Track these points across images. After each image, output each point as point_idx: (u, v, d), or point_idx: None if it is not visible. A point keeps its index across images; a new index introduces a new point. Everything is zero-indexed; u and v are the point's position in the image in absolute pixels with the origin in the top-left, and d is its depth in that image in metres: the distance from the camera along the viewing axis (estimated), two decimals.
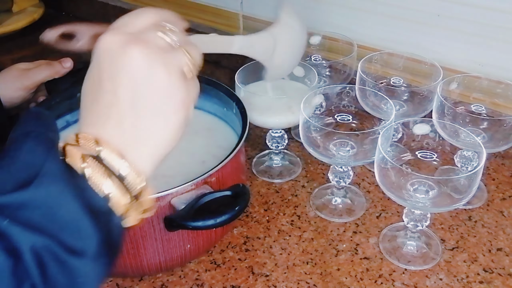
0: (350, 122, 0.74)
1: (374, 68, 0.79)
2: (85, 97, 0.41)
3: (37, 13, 1.27)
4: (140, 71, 0.38)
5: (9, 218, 0.33)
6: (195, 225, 0.54)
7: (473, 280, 0.62)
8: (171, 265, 0.63)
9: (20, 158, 0.36)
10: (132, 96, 0.39)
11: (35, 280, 0.33)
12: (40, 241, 0.34)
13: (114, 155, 0.38)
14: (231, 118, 0.74)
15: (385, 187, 0.59)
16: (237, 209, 0.55)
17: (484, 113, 0.72)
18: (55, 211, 0.35)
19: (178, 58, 0.41)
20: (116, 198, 0.37)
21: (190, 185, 0.56)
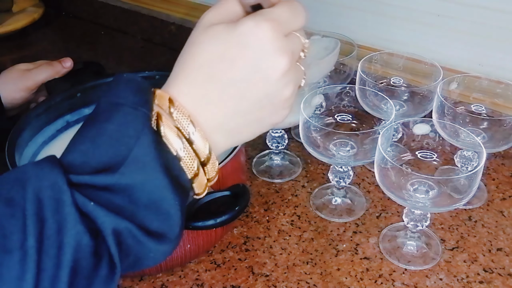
0: (350, 122, 0.74)
1: (374, 68, 0.79)
2: (196, 66, 0.39)
3: (37, 13, 1.27)
4: (265, 52, 0.38)
5: (92, 198, 0.34)
6: (195, 225, 0.54)
7: (473, 280, 0.62)
8: (171, 265, 0.63)
9: (108, 132, 0.35)
10: (244, 75, 0.38)
11: (115, 258, 0.34)
12: (123, 224, 0.34)
13: (185, 118, 0.37)
14: None
15: (385, 187, 0.59)
16: (237, 209, 0.55)
17: (484, 113, 0.72)
18: (139, 197, 0.35)
19: (299, 46, 0.41)
20: (187, 160, 0.37)
21: None
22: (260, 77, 0.38)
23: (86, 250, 0.33)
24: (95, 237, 0.34)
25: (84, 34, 1.29)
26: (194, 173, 0.38)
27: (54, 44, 1.25)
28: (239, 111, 0.39)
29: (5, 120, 0.76)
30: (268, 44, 0.38)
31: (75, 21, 1.34)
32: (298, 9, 0.41)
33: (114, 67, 1.12)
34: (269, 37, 0.37)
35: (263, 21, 0.38)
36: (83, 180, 0.34)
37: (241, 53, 0.38)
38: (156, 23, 1.18)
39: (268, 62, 0.38)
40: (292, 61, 0.39)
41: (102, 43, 1.24)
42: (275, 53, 0.38)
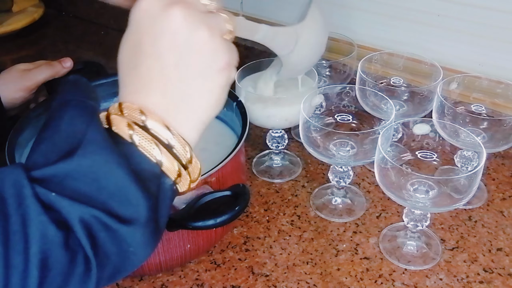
0: (350, 122, 0.74)
1: (374, 68, 0.79)
2: (124, 63, 0.40)
3: (37, 13, 1.27)
4: (182, 32, 0.38)
5: (56, 190, 0.33)
6: (195, 225, 0.54)
7: (473, 280, 0.62)
8: (171, 265, 0.63)
9: (62, 128, 0.36)
10: (176, 59, 0.38)
11: (87, 251, 0.33)
12: (88, 211, 0.34)
13: (159, 125, 0.37)
14: (231, 118, 0.74)
15: (385, 187, 0.59)
16: (237, 209, 0.55)
17: (484, 113, 0.72)
18: (101, 180, 0.35)
19: (218, 20, 0.41)
20: (167, 164, 0.37)
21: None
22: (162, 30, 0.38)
23: (54, 242, 0.33)
24: (63, 228, 0.33)
25: (84, 34, 1.29)
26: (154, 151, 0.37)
27: (54, 44, 1.25)
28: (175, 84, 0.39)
29: (5, 120, 0.76)
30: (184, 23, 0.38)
31: (75, 21, 1.34)
32: None
33: (114, 67, 1.11)
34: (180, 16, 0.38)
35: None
36: (45, 173, 0.34)
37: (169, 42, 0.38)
38: None
39: (160, 19, 0.38)
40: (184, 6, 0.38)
41: (102, 43, 1.24)
42: (163, 9, 0.38)
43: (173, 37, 0.38)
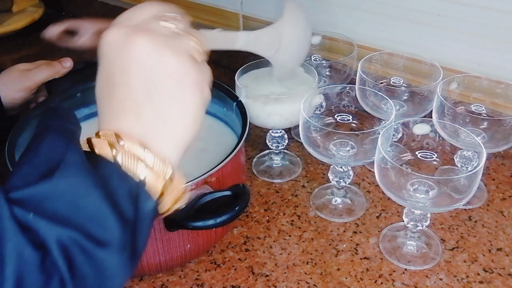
0: (350, 122, 0.74)
1: (374, 68, 0.79)
2: (100, 95, 0.41)
3: (37, 13, 1.27)
4: (149, 58, 0.38)
5: (34, 211, 0.33)
6: (195, 225, 0.54)
7: (473, 280, 0.62)
8: (171, 265, 0.63)
9: (42, 152, 0.37)
10: (146, 85, 0.38)
11: (64, 274, 0.33)
12: (65, 233, 0.33)
13: (137, 146, 0.37)
14: (231, 118, 0.74)
15: (385, 187, 0.59)
16: (237, 209, 0.55)
17: (484, 113, 0.72)
18: (78, 202, 0.34)
19: (184, 42, 0.41)
20: (151, 182, 0.37)
21: (190, 184, 0.56)
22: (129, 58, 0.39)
23: (30, 263, 0.32)
24: (40, 249, 0.33)
25: None
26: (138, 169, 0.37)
27: (54, 44, 1.25)
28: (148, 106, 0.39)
29: (5, 120, 0.76)
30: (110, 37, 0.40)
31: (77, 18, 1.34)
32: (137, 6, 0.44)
33: None
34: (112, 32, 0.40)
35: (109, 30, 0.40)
36: (23, 194, 0.34)
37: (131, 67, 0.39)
38: None
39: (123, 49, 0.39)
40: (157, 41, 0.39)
41: None
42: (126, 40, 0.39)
43: (139, 64, 0.38)
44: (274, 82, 0.75)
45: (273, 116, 0.71)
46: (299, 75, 0.76)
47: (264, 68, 0.77)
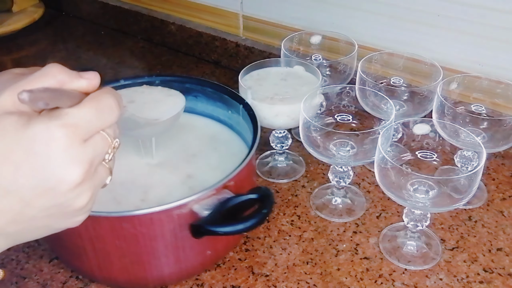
0: (350, 122, 0.74)
1: (374, 68, 0.79)
2: None
3: (37, 13, 1.27)
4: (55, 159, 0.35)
5: None
6: (225, 231, 0.53)
7: (473, 280, 0.62)
8: (192, 273, 0.62)
9: None
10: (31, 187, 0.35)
11: None
12: None
13: None
14: (236, 121, 0.73)
15: (385, 187, 0.59)
16: (264, 212, 0.54)
17: (484, 113, 0.72)
18: None
19: (103, 176, 0.39)
20: None
21: (211, 190, 0.55)
22: (47, 187, 0.35)
23: None
24: None
25: (84, 34, 1.29)
26: None
27: (54, 44, 1.25)
28: (21, 218, 0.36)
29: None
30: (59, 154, 0.34)
31: (75, 21, 1.35)
32: (107, 106, 0.37)
33: (114, 67, 1.12)
34: (60, 146, 0.34)
35: (57, 127, 0.34)
36: None
37: (28, 158, 0.34)
38: (156, 23, 1.18)
39: (57, 174, 0.35)
40: (88, 171, 0.36)
41: (102, 43, 1.24)
42: (65, 164, 0.35)
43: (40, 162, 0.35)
44: (276, 82, 0.75)
45: (280, 116, 0.71)
46: (301, 74, 0.76)
47: (266, 68, 0.77)
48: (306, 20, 0.95)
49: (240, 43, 1.04)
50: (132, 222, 0.53)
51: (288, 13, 0.97)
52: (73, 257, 0.60)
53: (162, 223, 0.54)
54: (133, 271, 0.58)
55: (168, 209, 0.53)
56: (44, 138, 0.34)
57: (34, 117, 0.35)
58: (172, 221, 0.54)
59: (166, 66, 1.12)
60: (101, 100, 0.37)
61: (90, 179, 0.37)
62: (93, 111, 0.36)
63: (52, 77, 0.37)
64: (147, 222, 0.53)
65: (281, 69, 0.78)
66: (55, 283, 0.63)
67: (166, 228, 0.54)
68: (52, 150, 0.34)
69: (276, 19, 0.99)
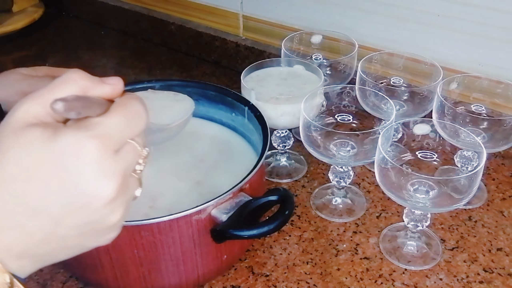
0: (351, 122, 0.74)
1: (374, 68, 0.79)
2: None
3: (37, 13, 1.27)
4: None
5: None
6: (250, 234, 0.52)
7: (473, 280, 0.62)
8: (208, 278, 0.62)
9: None
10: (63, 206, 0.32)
11: None
12: None
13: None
14: (241, 123, 0.73)
15: (385, 187, 0.59)
16: (287, 214, 0.53)
17: (484, 113, 0.72)
18: None
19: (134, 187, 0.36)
20: None
21: (229, 194, 0.54)
22: (80, 204, 0.32)
23: None
24: None
25: (84, 34, 1.29)
26: None
27: (54, 44, 1.25)
28: (52, 238, 0.33)
29: None
30: (91, 168, 0.32)
31: (75, 21, 1.34)
32: (136, 113, 0.35)
33: (114, 67, 1.12)
34: (92, 159, 0.32)
35: (88, 139, 0.32)
36: None
37: (57, 174, 0.31)
38: (156, 23, 1.18)
39: (90, 189, 0.32)
40: (122, 184, 0.33)
41: (102, 43, 1.24)
42: (99, 178, 0.32)
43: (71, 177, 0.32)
44: (278, 82, 0.75)
45: (285, 116, 0.71)
46: (301, 73, 0.76)
47: (265, 68, 0.77)
48: (306, 20, 0.95)
49: (240, 43, 1.04)
50: (151, 230, 0.52)
51: (288, 13, 0.97)
52: (87, 269, 0.58)
53: (181, 229, 0.53)
54: (150, 280, 0.57)
55: (187, 215, 0.52)
56: (74, 151, 0.31)
57: (61, 129, 0.32)
58: (190, 227, 0.53)
59: (166, 66, 1.12)
60: (129, 107, 0.35)
61: (123, 192, 0.34)
62: (123, 119, 0.34)
63: (75, 83, 0.34)
64: (166, 229, 0.53)
65: (281, 69, 0.78)
66: (55, 283, 0.63)
67: (185, 234, 0.54)
68: (84, 163, 0.31)
69: (276, 19, 0.99)
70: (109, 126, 0.33)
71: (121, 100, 0.35)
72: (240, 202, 0.55)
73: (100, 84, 0.35)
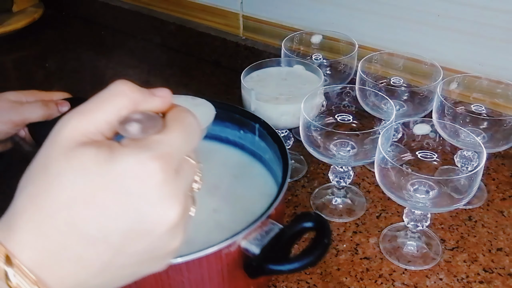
0: (351, 122, 0.74)
1: (374, 68, 0.79)
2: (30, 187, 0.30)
3: (37, 13, 1.27)
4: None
5: None
6: (291, 268, 0.48)
7: (473, 280, 0.62)
8: None
9: None
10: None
11: None
12: None
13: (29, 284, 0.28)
14: (251, 141, 0.69)
15: (385, 187, 0.59)
16: (326, 242, 0.48)
17: (484, 113, 0.72)
18: None
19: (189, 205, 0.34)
20: None
21: (257, 223, 0.50)
22: (142, 231, 0.30)
23: None
24: None
25: (84, 34, 1.29)
26: None
27: (54, 44, 1.25)
28: (109, 268, 0.31)
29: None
30: (154, 191, 0.29)
31: (75, 21, 1.35)
32: (192, 128, 0.33)
33: (114, 67, 1.12)
34: (156, 181, 0.29)
35: (150, 160, 0.29)
36: None
37: (117, 199, 0.29)
38: (156, 23, 1.18)
39: (153, 215, 0.30)
40: (185, 207, 0.31)
41: (102, 43, 1.24)
42: (163, 203, 0.30)
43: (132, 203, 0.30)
44: (278, 82, 0.75)
45: (285, 116, 0.71)
46: (301, 73, 0.77)
47: (265, 68, 0.77)
48: (306, 20, 0.95)
49: (240, 43, 1.04)
50: (180, 269, 0.48)
51: (288, 13, 0.97)
52: None
53: (210, 265, 0.49)
54: None
55: (217, 250, 0.48)
56: (137, 173, 0.29)
57: (118, 149, 0.30)
58: (220, 262, 0.49)
59: (166, 66, 1.12)
60: (185, 122, 0.32)
61: (185, 215, 0.32)
62: (182, 135, 0.31)
63: (125, 97, 0.31)
64: (195, 267, 0.49)
65: (281, 69, 0.78)
66: None
67: (214, 270, 0.50)
68: (147, 187, 0.29)
69: (276, 19, 0.99)
70: (170, 144, 0.30)
71: (175, 114, 0.33)
72: (270, 231, 0.50)
73: (150, 97, 0.33)
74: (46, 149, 0.30)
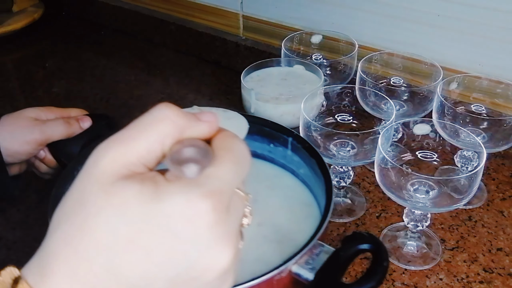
0: (351, 122, 0.74)
1: (374, 68, 0.79)
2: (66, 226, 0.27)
3: (37, 13, 1.27)
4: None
5: None
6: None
7: (473, 280, 0.62)
8: None
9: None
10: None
11: None
12: None
13: None
14: (282, 154, 0.67)
15: (385, 187, 0.59)
16: (385, 265, 0.46)
17: (484, 113, 0.72)
18: None
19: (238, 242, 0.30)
20: None
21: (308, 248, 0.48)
22: (189, 277, 0.27)
23: None
24: None
25: (84, 34, 1.29)
26: None
27: (54, 44, 1.25)
28: None
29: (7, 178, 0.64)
30: (204, 234, 0.26)
31: (75, 21, 1.35)
32: (243, 158, 0.30)
33: (114, 67, 1.12)
34: (207, 223, 0.26)
35: (201, 198, 0.26)
36: None
37: (162, 243, 0.26)
38: (156, 23, 1.18)
39: (203, 261, 0.27)
40: (236, 248, 0.28)
41: (102, 43, 1.24)
42: (214, 247, 0.27)
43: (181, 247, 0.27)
44: (278, 82, 0.75)
45: (285, 116, 0.71)
46: (301, 73, 0.77)
47: (265, 68, 0.77)
48: (306, 20, 0.95)
49: (240, 43, 1.04)
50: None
51: (288, 13, 0.97)
52: None
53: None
54: None
55: (270, 278, 0.45)
56: (185, 214, 0.26)
57: (164, 185, 0.26)
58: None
59: (166, 66, 1.12)
60: (235, 150, 0.29)
61: (236, 258, 0.29)
62: (233, 168, 0.28)
63: (170, 123, 0.28)
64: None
65: (281, 69, 0.78)
66: None
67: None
68: (196, 230, 0.26)
69: (276, 19, 0.99)
70: (222, 179, 0.27)
71: (223, 142, 0.30)
72: (320, 253, 0.48)
73: (196, 122, 0.29)
74: (81, 182, 0.27)
